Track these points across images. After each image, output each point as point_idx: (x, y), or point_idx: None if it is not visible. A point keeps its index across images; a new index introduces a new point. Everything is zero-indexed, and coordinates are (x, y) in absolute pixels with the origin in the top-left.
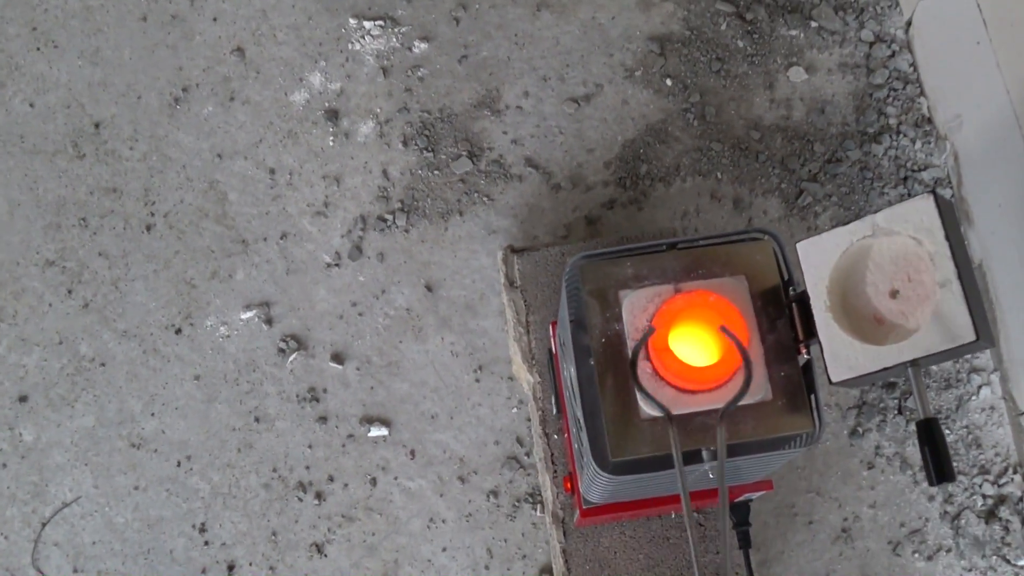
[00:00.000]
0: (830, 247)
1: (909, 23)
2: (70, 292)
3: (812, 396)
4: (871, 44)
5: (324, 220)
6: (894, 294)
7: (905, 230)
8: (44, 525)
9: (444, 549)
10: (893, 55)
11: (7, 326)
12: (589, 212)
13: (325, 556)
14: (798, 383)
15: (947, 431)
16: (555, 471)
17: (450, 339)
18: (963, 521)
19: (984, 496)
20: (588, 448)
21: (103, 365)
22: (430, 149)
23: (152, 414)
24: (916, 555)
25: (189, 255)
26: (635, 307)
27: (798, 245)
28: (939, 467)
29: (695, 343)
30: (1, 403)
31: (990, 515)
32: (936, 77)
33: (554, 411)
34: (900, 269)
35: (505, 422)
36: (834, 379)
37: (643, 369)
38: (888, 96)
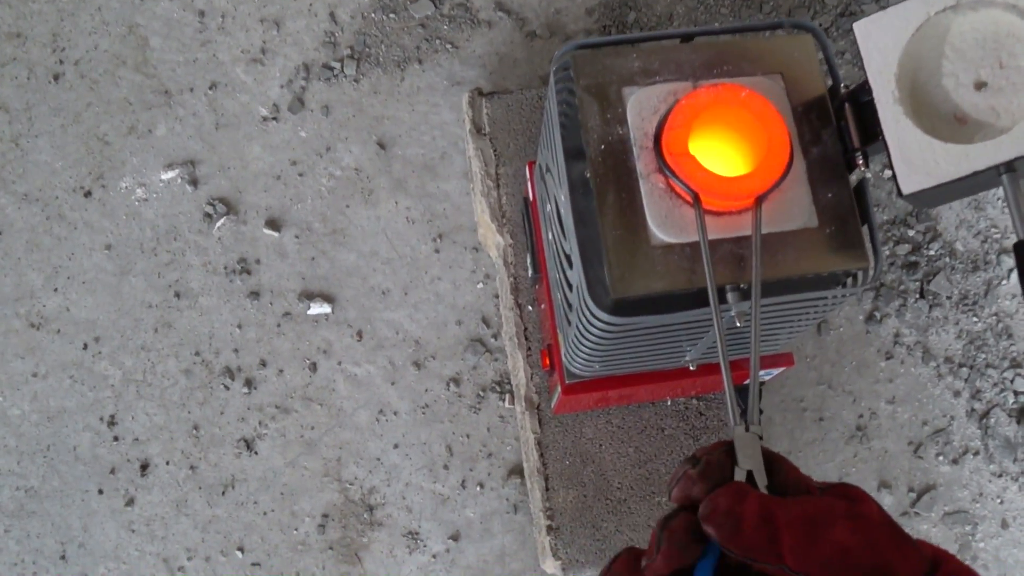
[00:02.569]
0: (898, 26)
1: None
2: None
3: (867, 224)
4: None
5: (260, 68)
6: (980, 86)
7: None
8: None
9: (396, 446)
10: None
11: None
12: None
13: (255, 453)
14: (850, 208)
15: (974, 318)
16: (529, 348)
17: (405, 203)
18: (992, 420)
19: (1016, 393)
20: (583, 285)
21: None
22: None
23: (55, 289)
24: (940, 457)
25: (103, 108)
26: (643, 107)
27: (856, 25)
28: None
29: (723, 147)
30: None
31: (1022, 414)
32: None
33: (529, 273)
34: (988, 53)
35: (469, 299)
36: (906, 189)
37: (654, 184)
38: None
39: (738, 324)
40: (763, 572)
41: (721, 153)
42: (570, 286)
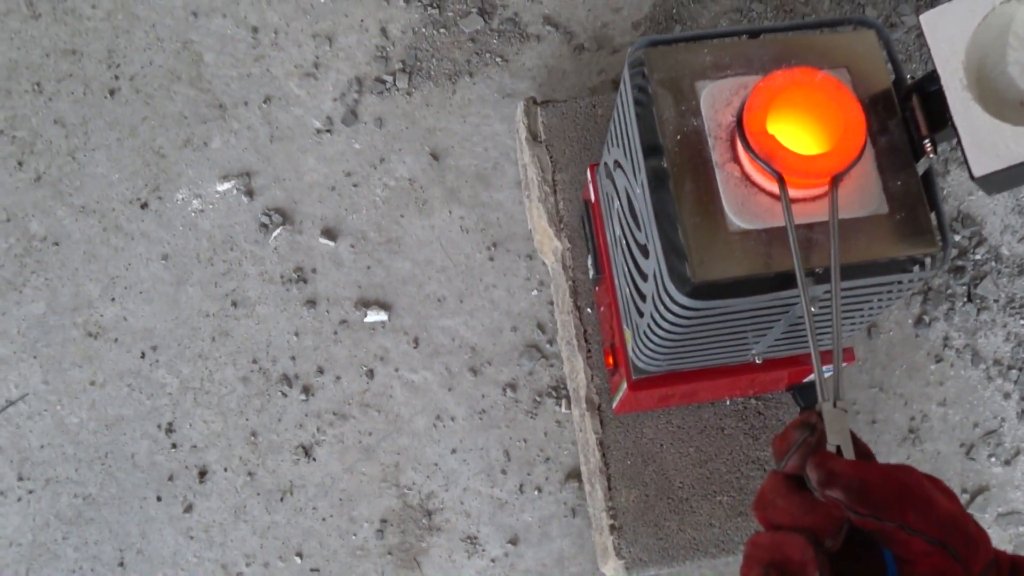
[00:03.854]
0: (964, 16)
1: None
2: (20, 164)
3: (935, 210)
4: None
5: (314, 82)
6: None
7: None
8: None
9: (453, 451)
10: None
11: None
12: (617, 75)
13: (313, 460)
14: (917, 195)
15: (1022, 321)
16: (589, 350)
17: (459, 213)
18: None
19: None
20: (663, 271)
21: (56, 245)
22: (435, 6)
23: (112, 299)
24: (992, 459)
25: (158, 122)
26: (717, 100)
27: (922, 17)
28: None
29: (799, 130)
30: None
31: None
32: None
33: (591, 274)
34: None
35: (524, 306)
36: (978, 172)
37: (729, 173)
38: None
39: (812, 309)
40: (880, 533)
41: (797, 135)
42: (644, 277)
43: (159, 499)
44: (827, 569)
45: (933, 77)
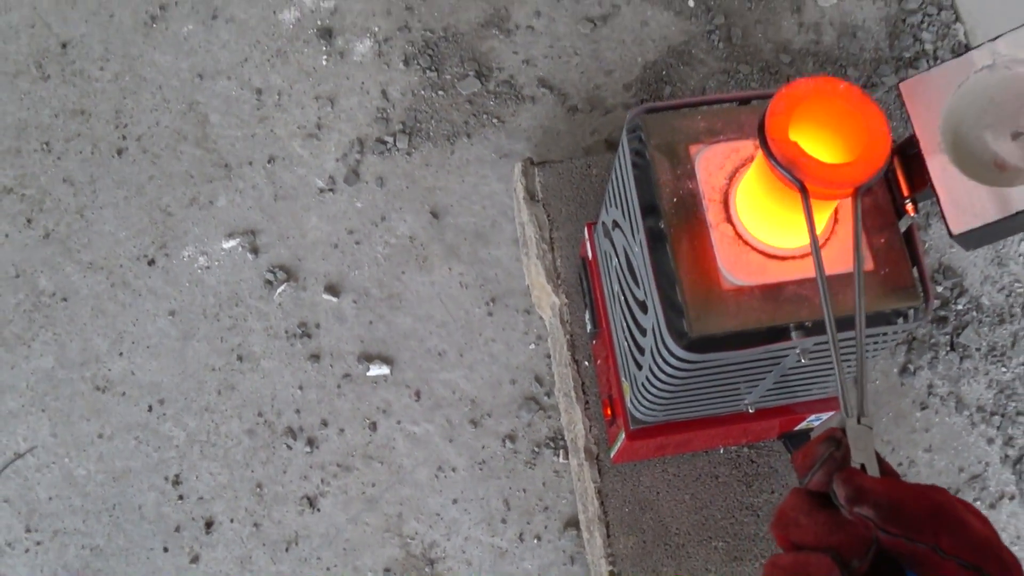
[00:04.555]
0: (941, 84)
1: None
2: (29, 221)
3: (917, 266)
4: None
5: (316, 143)
6: (1017, 135)
7: None
8: None
9: (455, 501)
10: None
11: None
12: (609, 135)
13: (318, 510)
14: (900, 251)
15: (1003, 368)
16: (587, 402)
17: (458, 269)
18: None
19: None
20: (661, 325)
21: (65, 300)
22: (434, 69)
23: (120, 353)
24: (978, 502)
25: (165, 180)
26: (710, 163)
27: (901, 85)
28: None
29: (821, 142)
30: None
31: None
32: (973, 0)
33: (588, 328)
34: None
35: (522, 359)
36: (956, 230)
37: (723, 233)
38: (923, 21)
39: (803, 361)
40: (911, 556)
41: (819, 146)
42: (643, 332)
43: (166, 550)
44: None
45: (912, 141)
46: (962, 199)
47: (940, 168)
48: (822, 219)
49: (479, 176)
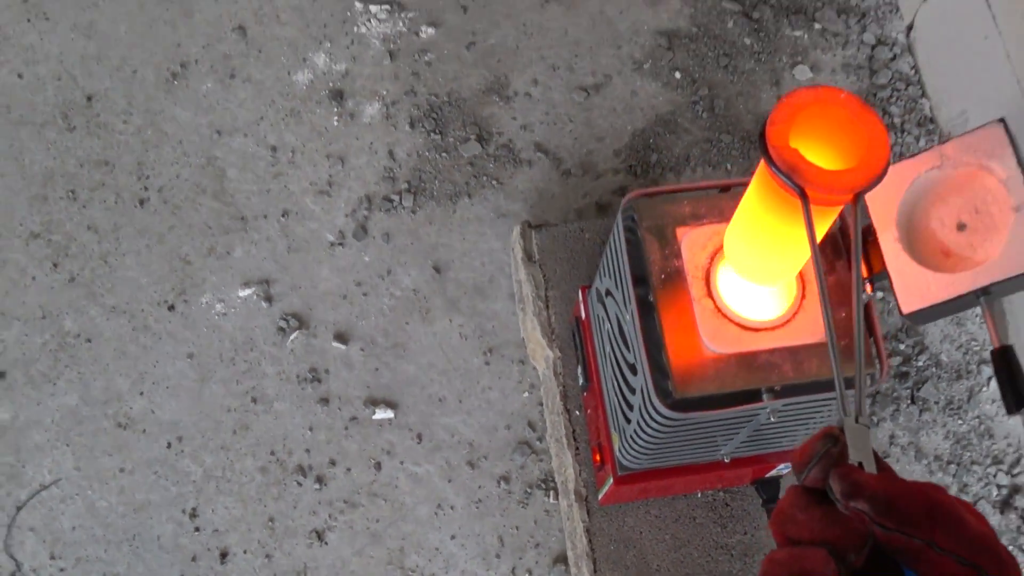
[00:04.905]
0: (896, 181)
1: (910, 27)
2: (55, 265)
3: (873, 338)
4: (873, 47)
5: (327, 199)
6: (961, 227)
7: (975, 159)
8: (19, 509)
9: (453, 536)
10: (895, 58)
11: None
12: (600, 198)
13: (325, 543)
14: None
15: (959, 421)
16: (577, 448)
17: (459, 321)
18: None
19: (999, 486)
20: (649, 387)
21: (89, 341)
22: (438, 131)
23: (141, 393)
24: None
25: (184, 231)
26: (694, 244)
27: None
28: (1018, 395)
29: (821, 151)
30: None
31: (1005, 505)
32: (938, 77)
33: (580, 381)
34: (967, 201)
35: (516, 406)
36: (906, 309)
37: (705, 306)
38: (891, 96)
39: (772, 419)
40: (907, 552)
41: (819, 154)
42: (632, 391)
43: None
44: None
45: (871, 229)
46: (912, 283)
47: (893, 255)
48: (789, 293)
49: (479, 234)
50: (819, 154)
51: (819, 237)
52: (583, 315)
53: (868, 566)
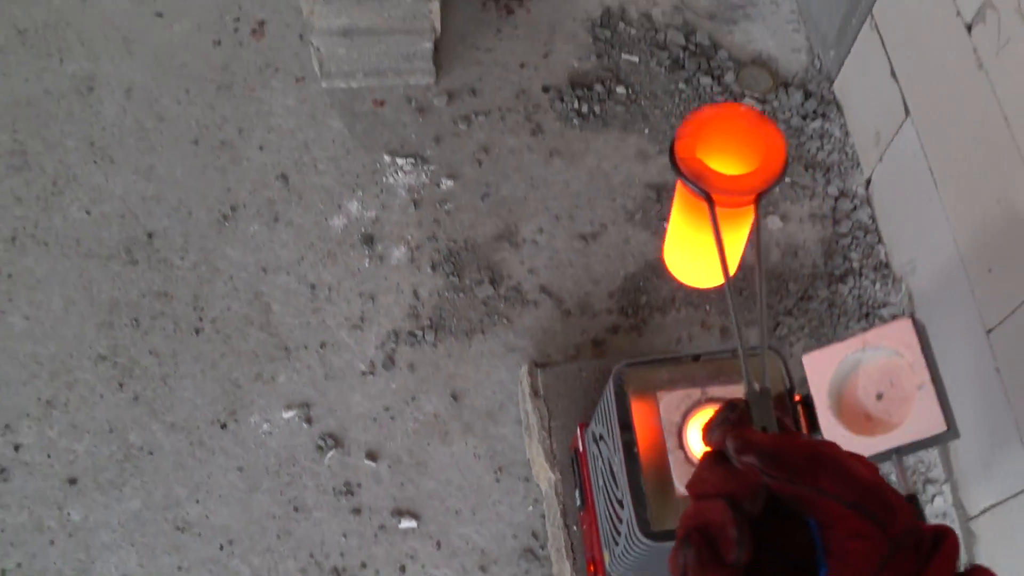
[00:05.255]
0: (829, 359)
1: (869, 181)
2: (121, 385)
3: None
4: (836, 198)
5: (360, 333)
6: (880, 396)
7: (889, 345)
8: None
9: None
10: (855, 208)
11: (60, 413)
12: (596, 336)
13: None
14: None
15: None
16: (574, 558)
17: (473, 443)
18: None
19: None
20: (633, 520)
21: (151, 454)
22: (456, 274)
23: (197, 500)
24: None
25: (235, 358)
26: (670, 405)
27: (804, 357)
28: None
29: (726, 161)
30: (51, 484)
31: None
32: (892, 227)
33: (577, 503)
34: (884, 376)
35: (522, 518)
36: None
37: (677, 455)
38: (852, 243)
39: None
40: (798, 499)
41: (725, 163)
42: (619, 520)
43: None
44: (745, 528)
45: (809, 398)
46: (841, 444)
47: (825, 419)
48: None
49: (491, 366)
50: (725, 163)
51: (739, 241)
52: (581, 448)
53: (771, 517)
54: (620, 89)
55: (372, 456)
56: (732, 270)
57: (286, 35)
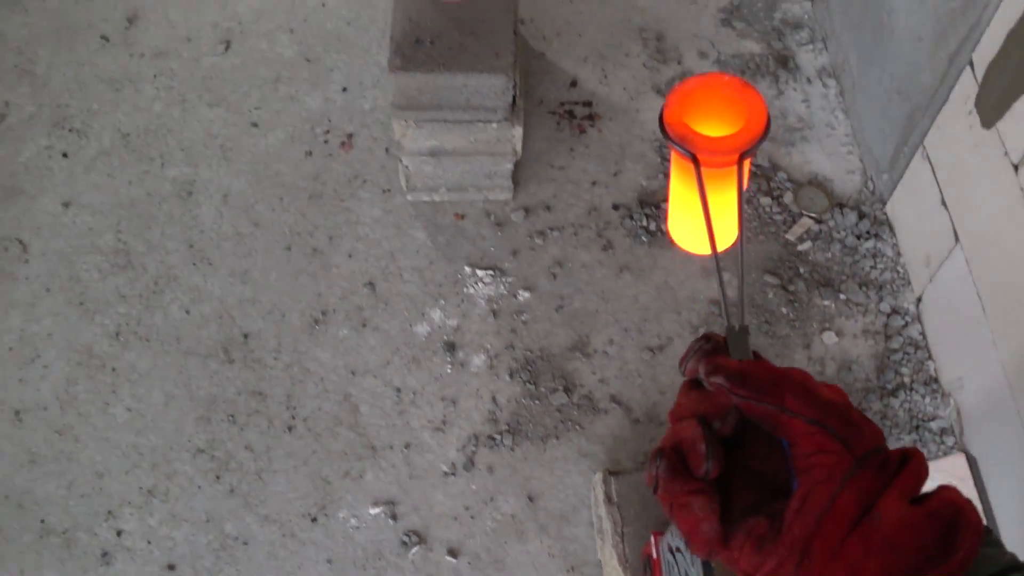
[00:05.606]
0: None
1: (919, 299)
2: (218, 478)
3: None
4: (888, 315)
5: (442, 435)
6: None
7: (943, 479)
8: None
9: None
10: (906, 325)
11: (159, 502)
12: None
13: None
14: None
15: None
16: None
17: (547, 543)
18: None
19: None
20: None
21: (245, 544)
22: (532, 382)
23: None
24: None
25: (325, 455)
26: None
27: None
28: None
29: (712, 126)
30: (151, 570)
31: None
32: (942, 345)
33: None
34: None
35: None
36: None
37: None
38: (903, 359)
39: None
40: (765, 419)
41: (711, 128)
42: None
43: None
44: (715, 444)
45: None
46: None
47: None
48: None
49: (565, 471)
50: (712, 129)
51: (730, 202)
52: (654, 555)
53: (742, 437)
54: None
55: (453, 553)
56: (730, 231)
57: (373, 148)
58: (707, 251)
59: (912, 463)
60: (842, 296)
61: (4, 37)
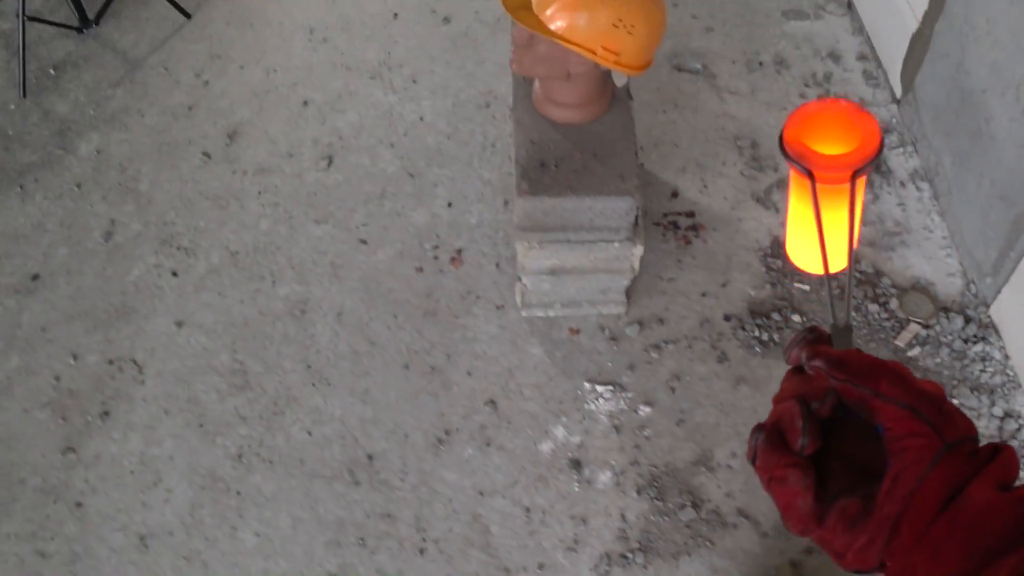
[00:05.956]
0: None
1: None
2: None
3: None
4: (1002, 419)
5: (574, 555)
6: None
7: None
8: None
9: None
10: (1020, 428)
11: None
12: (793, 557)
13: None
14: None
15: None
16: None
17: None
18: None
19: None
20: None
21: None
22: (659, 498)
23: None
24: None
25: None
26: None
27: None
28: None
29: (831, 142)
30: None
31: None
32: None
33: None
34: None
35: None
36: None
37: None
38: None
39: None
40: (860, 403)
41: (827, 148)
42: None
43: None
44: (812, 422)
45: None
46: None
47: None
48: None
49: None
50: (828, 150)
51: (844, 219)
52: None
53: (839, 424)
54: (796, 318)
55: None
56: (844, 246)
57: (483, 263)
58: (821, 270)
59: (1003, 454)
60: (955, 401)
61: (107, 155)
